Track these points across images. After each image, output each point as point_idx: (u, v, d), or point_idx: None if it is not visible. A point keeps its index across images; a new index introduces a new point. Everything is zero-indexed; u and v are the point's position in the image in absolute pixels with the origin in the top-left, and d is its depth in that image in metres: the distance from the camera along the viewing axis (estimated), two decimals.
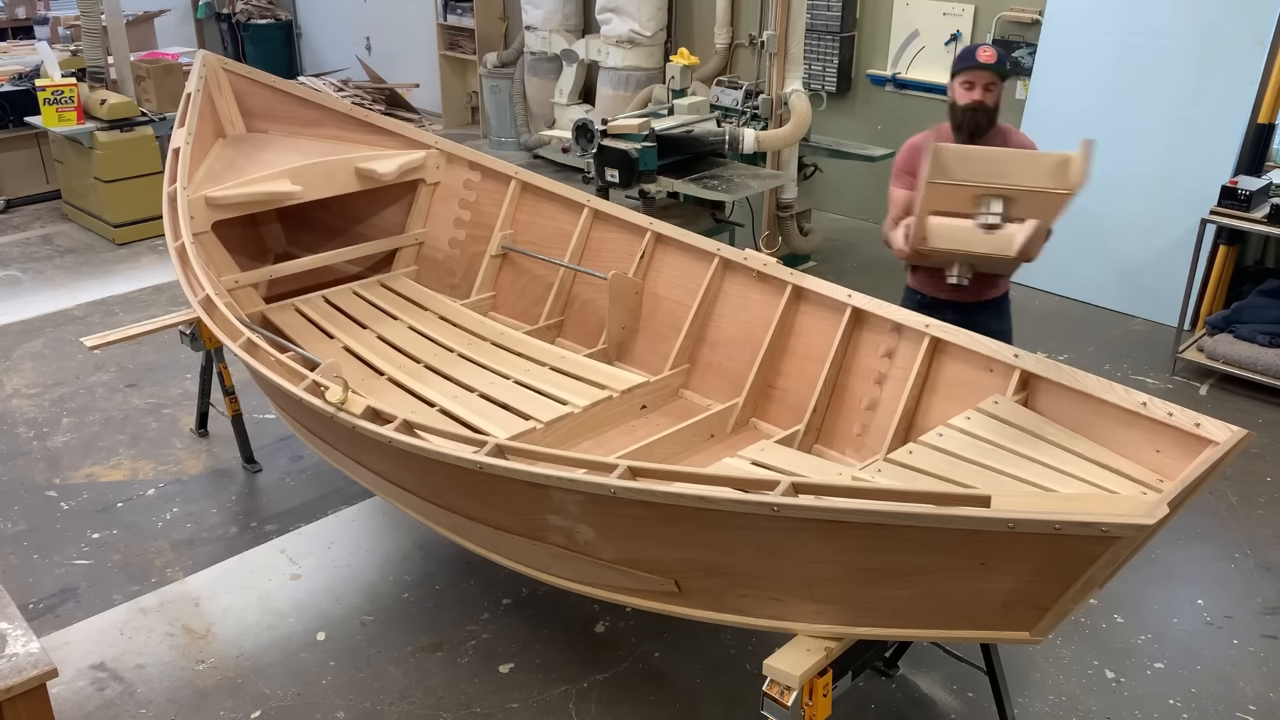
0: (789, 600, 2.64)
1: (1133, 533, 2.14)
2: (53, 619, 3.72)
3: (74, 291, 6.46)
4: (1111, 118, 6.03)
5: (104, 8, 7.37)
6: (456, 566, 3.95)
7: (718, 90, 6.59)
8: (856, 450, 3.60)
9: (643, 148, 5.68)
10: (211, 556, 4.05)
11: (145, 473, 4.59)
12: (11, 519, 4.28)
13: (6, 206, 7.86)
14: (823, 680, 2.58)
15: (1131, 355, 5.62)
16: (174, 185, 4.44)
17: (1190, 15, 5.68)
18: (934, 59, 6.83)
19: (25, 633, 2.53)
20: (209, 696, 3.39)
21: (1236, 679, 3.46)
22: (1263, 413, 5.04)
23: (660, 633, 3.62)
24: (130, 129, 7.17)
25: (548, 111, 8.83)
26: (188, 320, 4.34)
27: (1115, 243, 6.10)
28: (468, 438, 3.01)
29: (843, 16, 7.01)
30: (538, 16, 8.55)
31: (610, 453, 3.42)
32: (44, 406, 5.12)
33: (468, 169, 5.05)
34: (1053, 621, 2.42)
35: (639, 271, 4.40)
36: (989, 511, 2.22)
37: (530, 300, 4.79)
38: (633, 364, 4.42)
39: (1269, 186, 5.28)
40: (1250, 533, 4.17)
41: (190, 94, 4.91)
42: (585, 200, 4.65)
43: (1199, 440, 2.70)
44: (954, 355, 3.42)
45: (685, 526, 2.60)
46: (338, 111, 5.26)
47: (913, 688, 3.42)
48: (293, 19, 11.80)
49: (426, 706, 3.35)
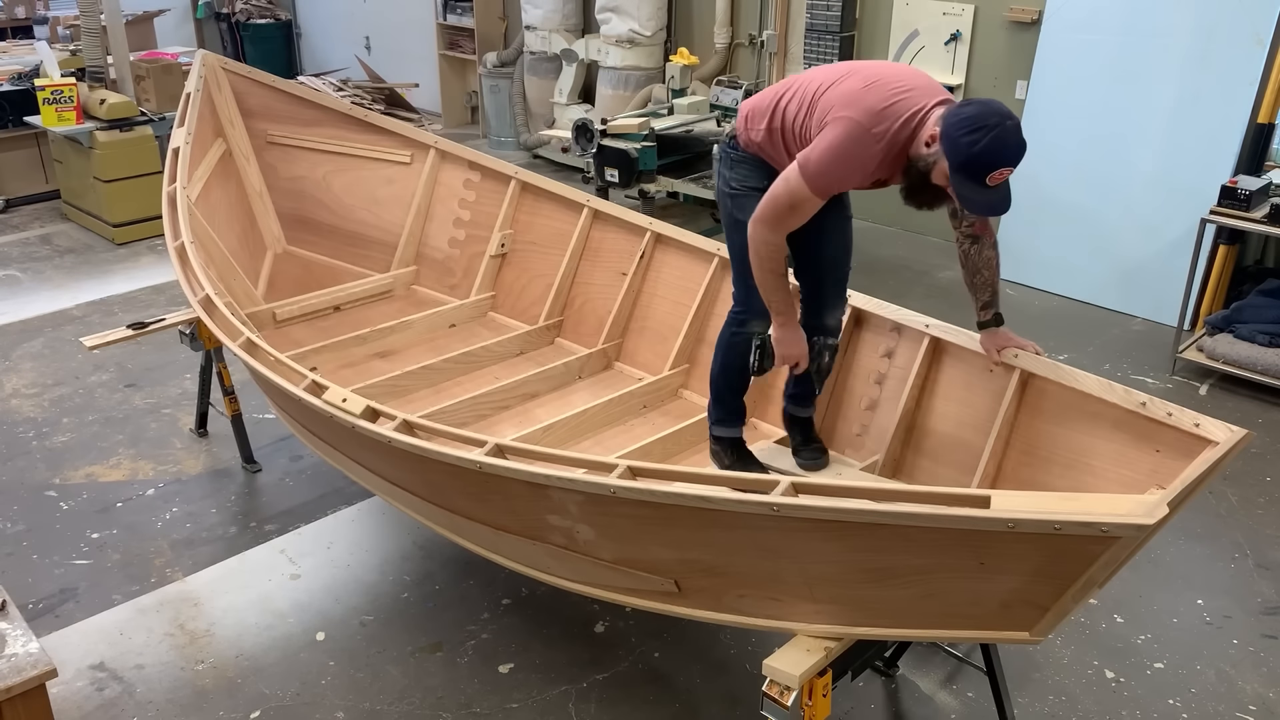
0: (788, 600, 2.64)
1: (1133, 533, 2.14)
2: (52, 619, 3.72)
3: (73, 291, 6.45)
4: (1111, 118, 6.02)
5: (103, 7, 7.36)
6: (456, 566, 3.95)
7: (717, 90, 6.59)
8: (856, 450, 3.60)
9: (642, 147, 5.69)
10: (211, 556, 4.05)
11: (145, 473, 4.59)
12: (11, 519, 4.27)
13: (6, 206, 7.86)
14: (822, 680, 2.58)
15: (1131, 355, 5.62)
16: (174, 185, 4.44)
17: (1190, 15, 5.68)
18: (934, 59, 6.82)
19: (25, 633, 2.52)
20: (208, 696, 3.39)
21: (1236, 679, 3.45)
22: (1263, 413, 5.03)
23: (660, 633, 3.62)
24: (130, 129, 7.16)
25: (547, 111, 8.83)
26: (187, 320, 4.34)
27: (1115, 242, 6.10)
28: (468, 438, 3.01)
29: (842, 16, 7.01)
30: (537, 16, 8.55)
31: (610, 453, 3.42)
32: (43, 406, 5.12)
33: (467, 169, 5.05)
34: (1053, 621, 2.42)
35: (639, 271, 4.40)
36: (989, 511, 2.22)
37: (530, 300, 4.79)
38: (633, 364, 4.42)
39: (1269, 186, 5.28)
40: (1250, 533, 4.17)
41: (190, 94, 4.91)
42: (585, 200, 4.65)
43: (1199, 440, 2.70)
44: (954, 355, 3.42)
45: (685, 526, 2.60)
46: (337, 111, 5.26)
47: (913, 688, 3.42)
48: (292, 19, 11.79)
49: (426, 706, 3.35)
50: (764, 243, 2.96)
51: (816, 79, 2.97)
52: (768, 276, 3.03)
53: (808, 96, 2.94)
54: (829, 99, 2.85)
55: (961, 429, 3.36)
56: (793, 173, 2.85)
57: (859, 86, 2.80)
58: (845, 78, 2.88)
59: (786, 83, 3.10)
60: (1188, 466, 2.43)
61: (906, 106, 2.75)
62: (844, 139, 2.75)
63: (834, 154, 2.76)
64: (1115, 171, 6.05)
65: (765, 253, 2.98)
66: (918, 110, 2.75)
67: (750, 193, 3.09)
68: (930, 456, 3.45)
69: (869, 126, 2.74)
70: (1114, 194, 6.07)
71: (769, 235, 2.95)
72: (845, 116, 2.76)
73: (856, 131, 2.74)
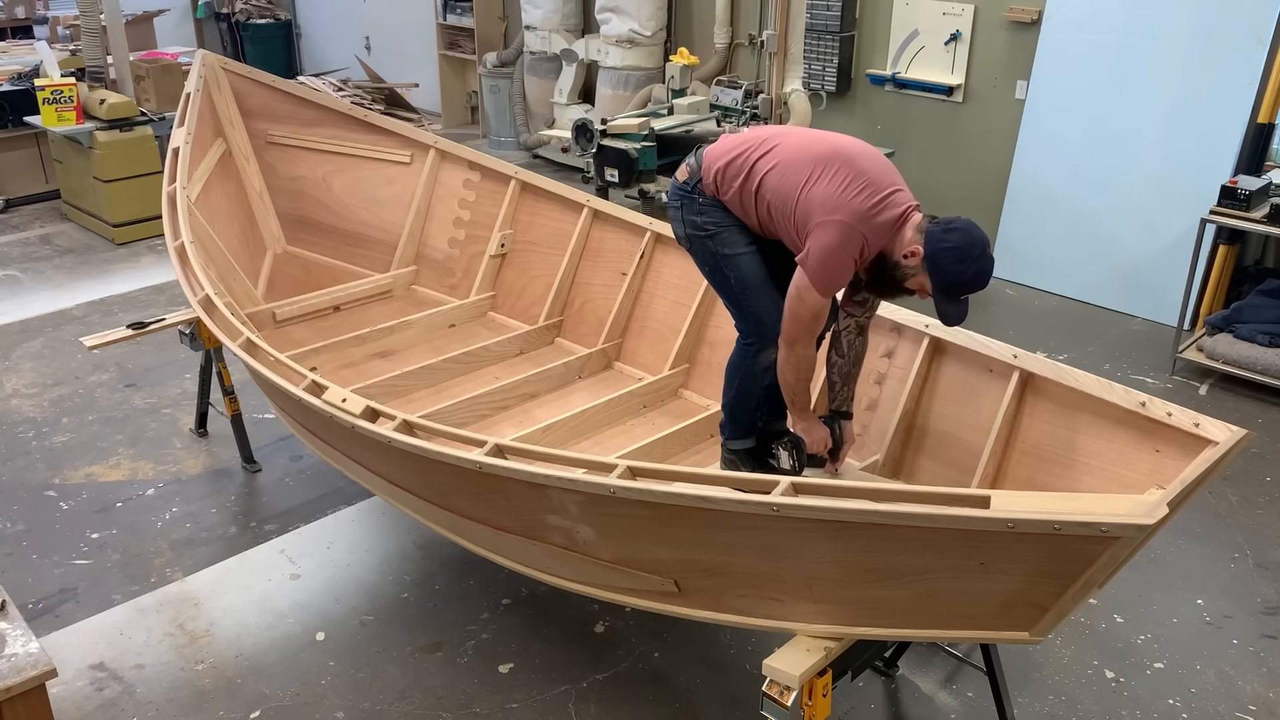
0: (788, 600, 2.64)
1: (1132, 533, 2.13)
2: (52, 619, 3.72)
3: (73, 291, 6.45)
4: (1111, 118, 6.02)
5: (103, 7, 7.36)
6: (456, 566, 3.95)
7: (717, 90, 6.59)
8: (856, 450, 3.60)
9: (642, 147, 5.68)
10: (211, 556, 4.05)
11: (145, 473, 4.58)
12: (11, 519, 4.27)
13: (6, 206, 7.85)
14: (822, 680, 2.58)
15: (1131, 355, 5.62)
16: (173, 185, 4.44)
17: (1190, 15, 5.68)
18: (934, 59, 6.82)
19: (25, 633, 2.52)
20: (208, 696, 3.39)
21: (1236, 679, 3.45)
22: (1263, 413, 5.03)
23: (660, 633, 3.62)
24: (129, 129, 7.16)
25: (547, 111, 8.83)
26: (187, 320, 4.34)
27: (1115, 242, 6.10)
28: (467, 438, 3.01)
29: (842, 16, 7.01)
30: (537, 16, 8.55)
31: (610, 453, 3.42)
32: (43, 406, 5.12)
33: (467, 169, 5.05)
34: (1052, 621, 2.42)
35: (639, 271, 4.40)
36: (989, 511, 2.22)
37: (530, 300, 4.79)
38: (633, 364, 4.42)
39: (1269, 186, 5.28)
40: (1250, 533, 4.17)
41: (190, 94, 4.91)
42: (585, 200, 4.65)
43: (1199, 440, 2.70)
44: (954, 355, 3.42)
45: (685, 526, 2.60)
46: (337, 111, 5.26)
47: (913, 688, 3.42)
48: (292, 19, 11.79)
49: (426, 706, 3.35)
50: (802, 359, 3.11)
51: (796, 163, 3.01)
52: (800, 385, 3.16)
53: (791, 188, 2.99)
54: (817, 197, 2.95)
55: (961, 429, 3.36)
56: (802, 284, 2.97)
57: (841, 187, 2.93)
58: (826, 170, 2.95)
59: (757, 142, 3.12)
60: (1188, 466, 2.43)
61: (891, 211, 2.93)
62: (839, 242, 2.91)
63: (833, 256, 2.92)
64: (1115, 171, 6.05)
65: (803, 366, 3.13)
66: (900, 214, 2.93)
67: (727, 228, 3.17)
68: (930, 456, 3.45)
69: (859, 228, 2.90)
70: (1114, 194, 6.07)
71: (805, 351, 3.10)
72: (838, 220, 2.90)
73: (849, 234, 2.90)
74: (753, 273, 3.16)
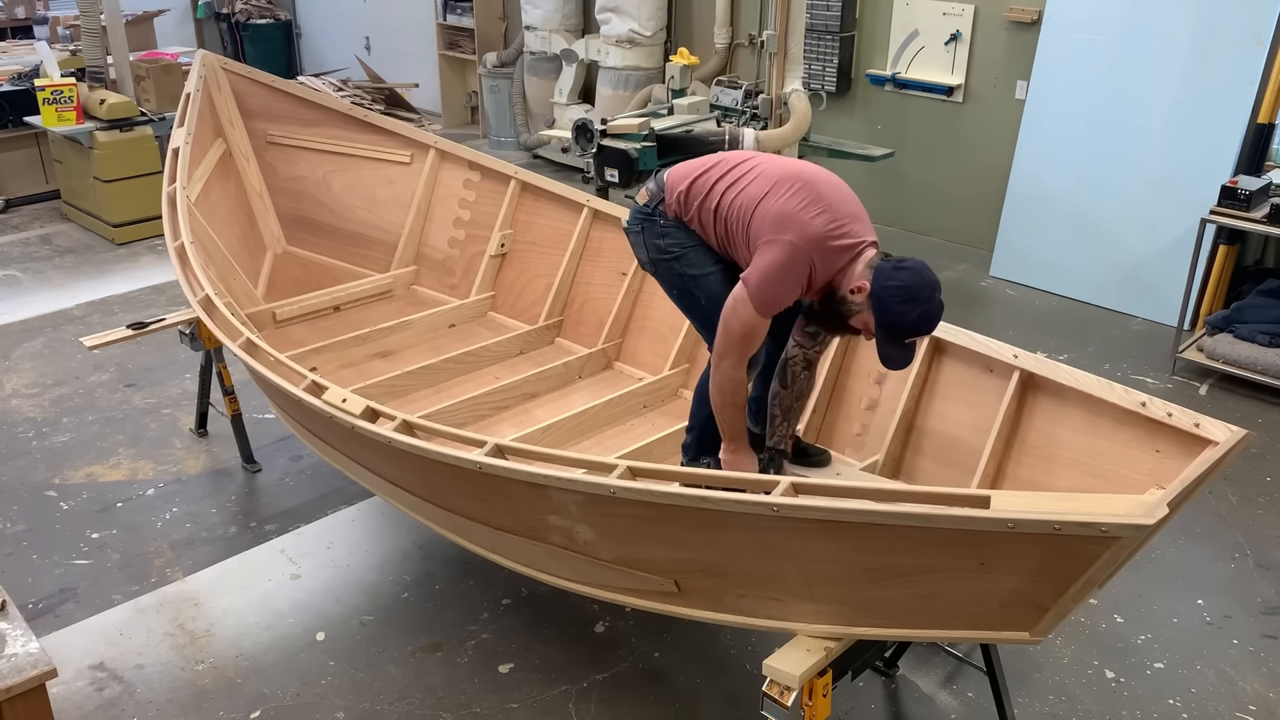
0: (788, 600, 2.64)
1: (1132, 533, 2.13)
2: (52, 619, 3.72)
3: (73, 291, 6.45)
4: (1111, 118, 6.02)
5: (103, 7, 7.36)
6: (456, 566, 3.95)
7: (717, 90, 6.58)
8: (856, 450, 3.60)
9: (642, 147, 5.67)
10: (211, 556, 4.05)
11: (145, 473, 4.59)
12: (11, 519, 4.27)
13: (6, 206, 7.85)
14: (822, 680, 2.58)
15: (1131, 355, 5.62)
16: (173, 185, 4.44)
17: (1190, 15, 5.68)
18: (934, 59, 6.82)
19: (25, 633, 2.52)
20: (208, 696, 3.39)
21: (1236, 679, 3.46)
22: (1263, 413, 5.03)
23: (660, 633, 3.62)
24: (129, 129, 7.16)
25: (547, 111, 8.83)
26: (187, 320, 4.34)
27: (1115, 242, 6.10)
28: (467, 438, 3.01)
29: (842, 16, 7.01)
30: (537, 16, 8.55)
31: (610, 453, 3.43)
32: (43, 406, 5.12)
33: (467, 169, 5.05)
34: (1053, 621, 2.42)
35: (639, 271, 4.40)
36: (989, 511, 2.22)
37: (530, 300, 4.79)
38: (633, 364, 4.42)
39: (1269, 186, 5.28)
40: (1250, 533, 4.17)
41: (190, 94, 4.91)
42: (585, 200, 4.65)
43: (1199, 440, 2.70)
44: (954, 355, 3.42)
45: (685, 526, 2.60)
46: (337, 111, 5.26)
47: (913, 688, 3.42)
48: (292, 19, 11.79)
49: (426, 706, 3.35)
50: (729, 379, 3.01)
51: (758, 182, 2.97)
52: (729, 410, 3.07)
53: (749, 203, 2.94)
54: (770, 214, 2.89)
55: (961, 429, 3.36)
56: (739, 297, 2.90)
57: (798, 206, 2.86)
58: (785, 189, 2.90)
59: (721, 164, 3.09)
60: (1188, 466, 2.43)
61: (844, 240, 2.85)
62: (784, 262, 2.83)
63: (774, 275, 2.84)
64: (1115, 172, 6.05)
65: (730, 388, 3.03)
66: (854, 245, 2.85)
67: (691, 248, 3.12)
68: (930, 456, 3.45)
69: (808, 251, 2.83)
70: (1114, 194, 6.07)
71: (734, 371, 3.00)
72: (786, 240, 2.84)
73: (795, 255, 2.83)
74: (723, 291, 3.03)
